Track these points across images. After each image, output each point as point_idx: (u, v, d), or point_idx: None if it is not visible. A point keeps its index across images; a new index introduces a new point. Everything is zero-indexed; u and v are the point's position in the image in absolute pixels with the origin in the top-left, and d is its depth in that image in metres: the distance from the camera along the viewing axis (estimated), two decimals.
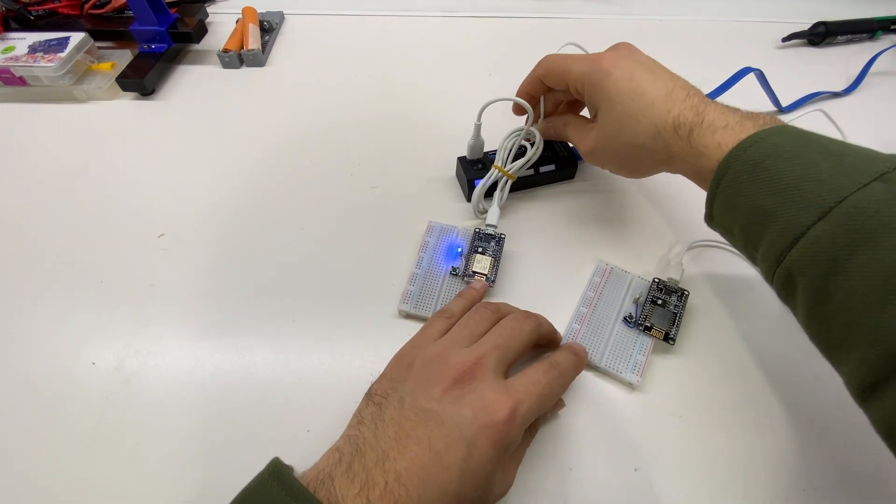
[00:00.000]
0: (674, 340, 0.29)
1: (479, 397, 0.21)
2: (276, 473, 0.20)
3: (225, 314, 0.31)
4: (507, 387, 0.22)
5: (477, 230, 0.34)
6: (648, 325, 0.30)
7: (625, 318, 0.31)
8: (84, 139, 0.42)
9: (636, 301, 0.31)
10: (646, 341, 0.30)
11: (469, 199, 0.37)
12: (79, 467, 0.26)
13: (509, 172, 0.35)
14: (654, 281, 0.32)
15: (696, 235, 0.35)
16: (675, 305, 0.31)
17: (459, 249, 0.33)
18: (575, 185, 0.39)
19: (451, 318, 0.27)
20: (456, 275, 0.32)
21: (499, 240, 0.33)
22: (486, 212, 0.35)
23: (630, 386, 0.28)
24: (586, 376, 0.29)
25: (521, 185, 0.38)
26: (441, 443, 0.20)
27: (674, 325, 0.30)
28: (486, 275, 0.32)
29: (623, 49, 0.31)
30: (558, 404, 0.27)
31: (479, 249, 0.33)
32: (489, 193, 0.35)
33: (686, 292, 0.31)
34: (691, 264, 0.34)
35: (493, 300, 0.32)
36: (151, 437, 0.27)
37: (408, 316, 0.31)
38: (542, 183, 0.39)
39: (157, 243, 0.35)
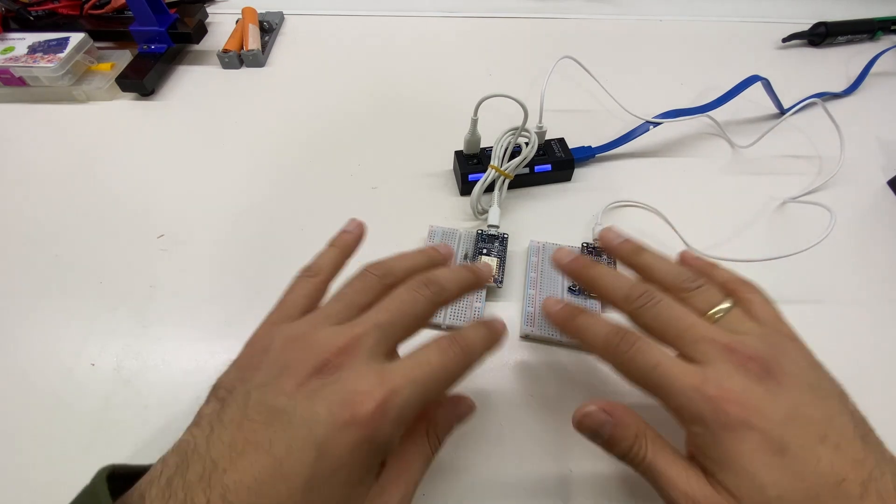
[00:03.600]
0: None
1: (341, 388, 0.17)
2: (94, 495, 0.17)
3: (225, 315, 0.31)
4: (381, 372, 0.18)
5: (479, 231, 0.34)
6: None
7: (570, 288, 0.32)
8: (84, 139, 0.42)
9: None
10: (594, 304, 0.31)
11: (462, 193, 0.37)
12: (78, 469, 0.26)
13: (506, 172, 0.35)
14: (583, 245, 0.33)
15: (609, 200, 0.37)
16: (609, 262, 0.32)
17: None
18: (572, 185, 0.39)
19: (316, 276, 0.22)
20: None
21: (502, 240, 0.33)
22: (485, 212, 0.35)
23: None
24: (584, 369, 0.29)
25: (517, 183, 0.37)
26: (283, 447, 0.16)
27: None
28: (494, 276, 0.31)
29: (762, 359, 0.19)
30: (465, 405, 0.21)
31: (484, 251, 0.33)
32: (487, 190, 0.35)
33: None
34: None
35: (503, 302, 0.32)
36: (151, 439, 0.26)
37: (431, 326, 0.30)
38: (537, 183, 0.39)
39: (157, 244, 0.35)
